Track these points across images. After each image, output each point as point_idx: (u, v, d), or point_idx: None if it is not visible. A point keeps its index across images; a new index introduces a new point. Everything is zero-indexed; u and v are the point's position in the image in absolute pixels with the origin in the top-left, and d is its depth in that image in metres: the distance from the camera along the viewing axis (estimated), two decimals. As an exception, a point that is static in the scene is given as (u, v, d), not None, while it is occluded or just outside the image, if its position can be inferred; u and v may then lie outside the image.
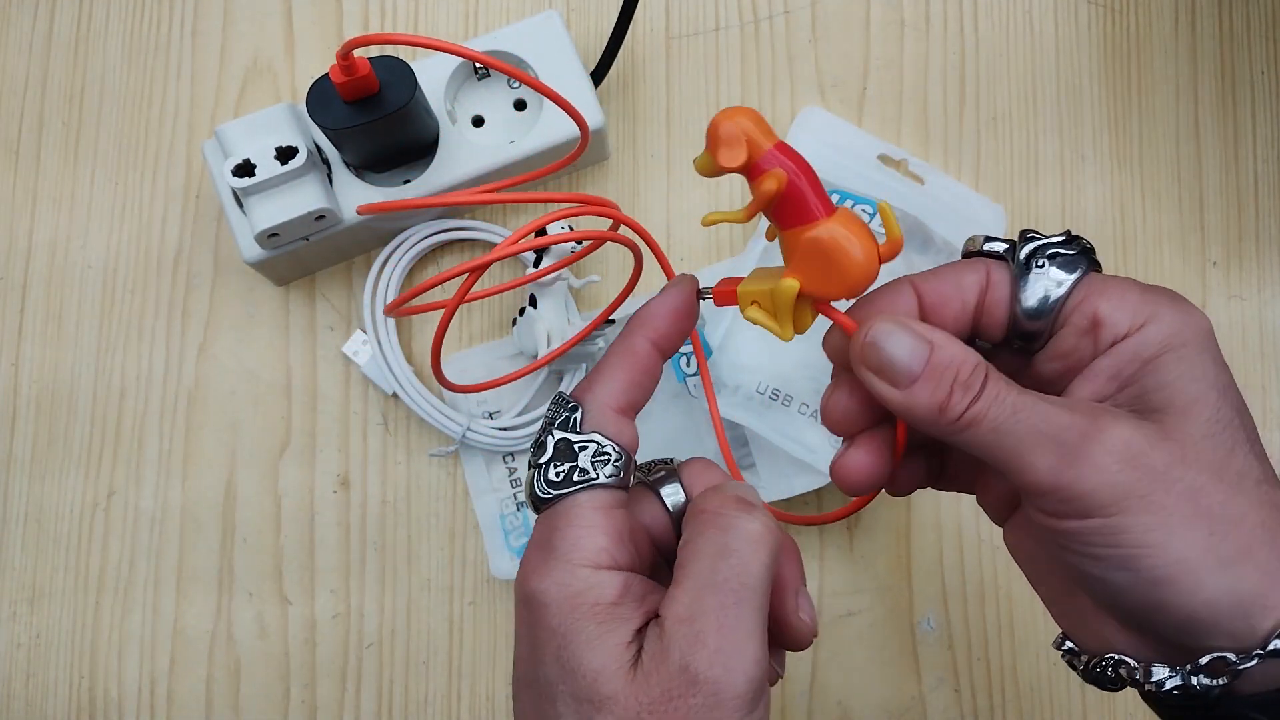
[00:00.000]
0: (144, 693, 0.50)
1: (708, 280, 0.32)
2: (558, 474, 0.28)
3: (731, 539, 0.27)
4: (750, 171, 0.28)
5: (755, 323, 0.29)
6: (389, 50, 0.47)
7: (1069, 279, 0.28)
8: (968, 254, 0.30)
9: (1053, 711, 0.50)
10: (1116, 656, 0.27)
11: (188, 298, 0.52)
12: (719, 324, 0.48)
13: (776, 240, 0.29)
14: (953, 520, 0.51)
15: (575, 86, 0.48)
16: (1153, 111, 0.54)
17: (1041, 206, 0.53)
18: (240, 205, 0.47)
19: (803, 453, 0.47)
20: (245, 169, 0.45)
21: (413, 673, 0.50)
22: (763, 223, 0.50)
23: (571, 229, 0.48)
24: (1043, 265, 0.28)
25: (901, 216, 0.49)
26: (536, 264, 0.49)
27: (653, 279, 0.37)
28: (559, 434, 0.29)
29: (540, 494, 0.29)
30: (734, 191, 0.53)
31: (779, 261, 0.30)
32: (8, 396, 0.52)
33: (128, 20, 0.55)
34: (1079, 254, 0.28)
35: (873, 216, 0.49)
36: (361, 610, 0.50)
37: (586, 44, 0.54)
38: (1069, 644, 0.29)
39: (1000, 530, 0.31)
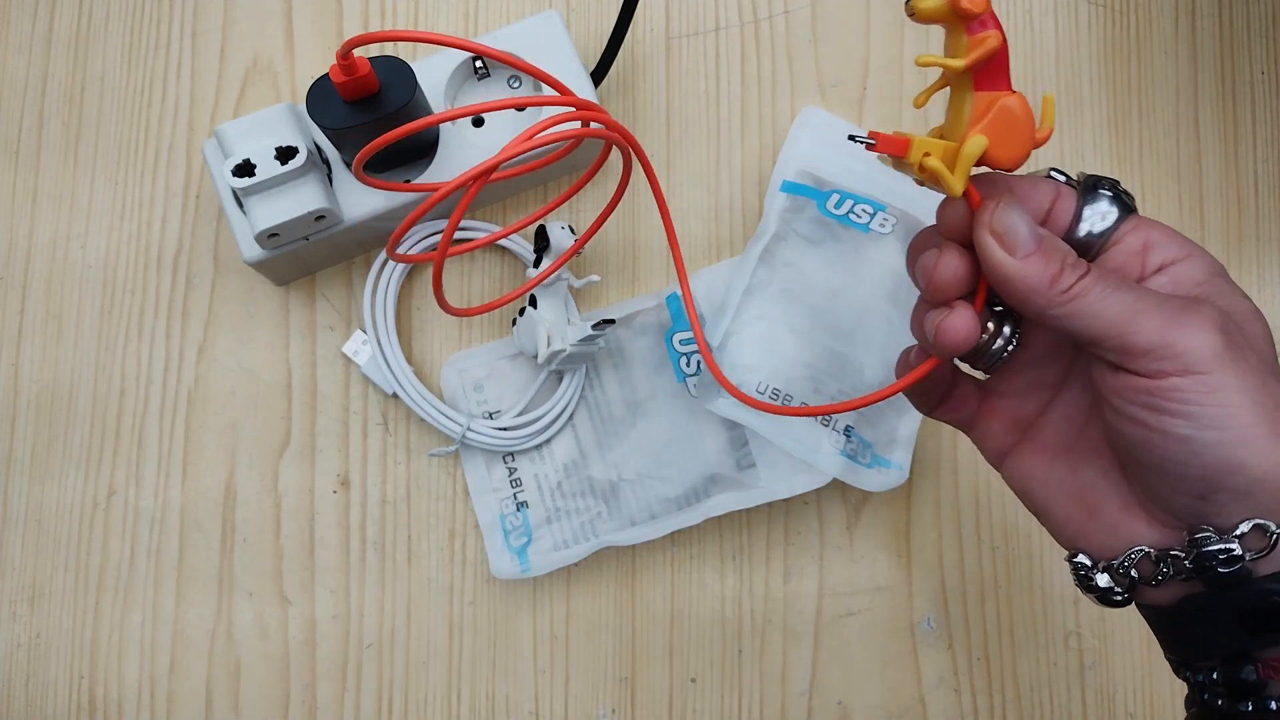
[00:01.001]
0: (144, 693, 0.50)
1: (708, 281, 0.32)
2: None
3: None
4: (976, 22, 0.29)
5: (928, 174, 0.30)
6: (389, 49, 0.47)
7: (1121, 213, 0.31)
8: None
9: (1053, 711, 0.50)
10: (1143, 549, 0.30)
11: (188, 297, 0.52)
12: (719, 324, 0.48)
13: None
14: (953, 520, 0.51)
15: (575, 87, 0.48)
16: (1153, 111, 0.54)
17: (1041, 206, 0.53)
18: (240, 205, 0.47)
19: (803, 452, 0.47)
20: (245, 169, 0.45)
21: (413, 673, 0.50)
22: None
23: (571, 229, 0.48)
24: (1108, 189, 0.31)
25: (902, 216, 0.49)
26: (537, 264, 0.49)
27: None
28: None
29: None
30: (733, 197, 0.53)
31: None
32: (8, 396, 0.52)
33: (128, 20, 0.55)
34: (1129, 199, 0.32)
35: (874, 216, 0.49)
36: (361, 610, 0.50)
37: (586, 44, 0.54)
38: (1081, 556, 0.31)
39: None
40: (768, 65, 0.54)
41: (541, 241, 0.48)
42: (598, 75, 0.51)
